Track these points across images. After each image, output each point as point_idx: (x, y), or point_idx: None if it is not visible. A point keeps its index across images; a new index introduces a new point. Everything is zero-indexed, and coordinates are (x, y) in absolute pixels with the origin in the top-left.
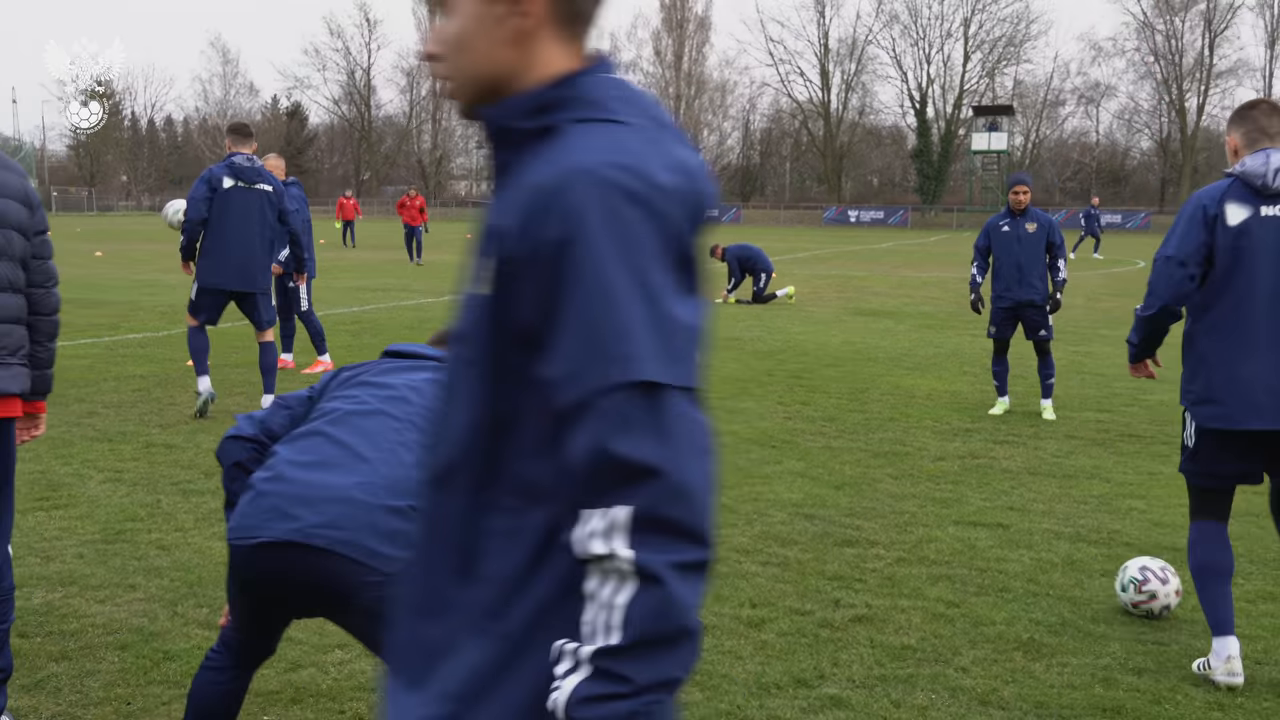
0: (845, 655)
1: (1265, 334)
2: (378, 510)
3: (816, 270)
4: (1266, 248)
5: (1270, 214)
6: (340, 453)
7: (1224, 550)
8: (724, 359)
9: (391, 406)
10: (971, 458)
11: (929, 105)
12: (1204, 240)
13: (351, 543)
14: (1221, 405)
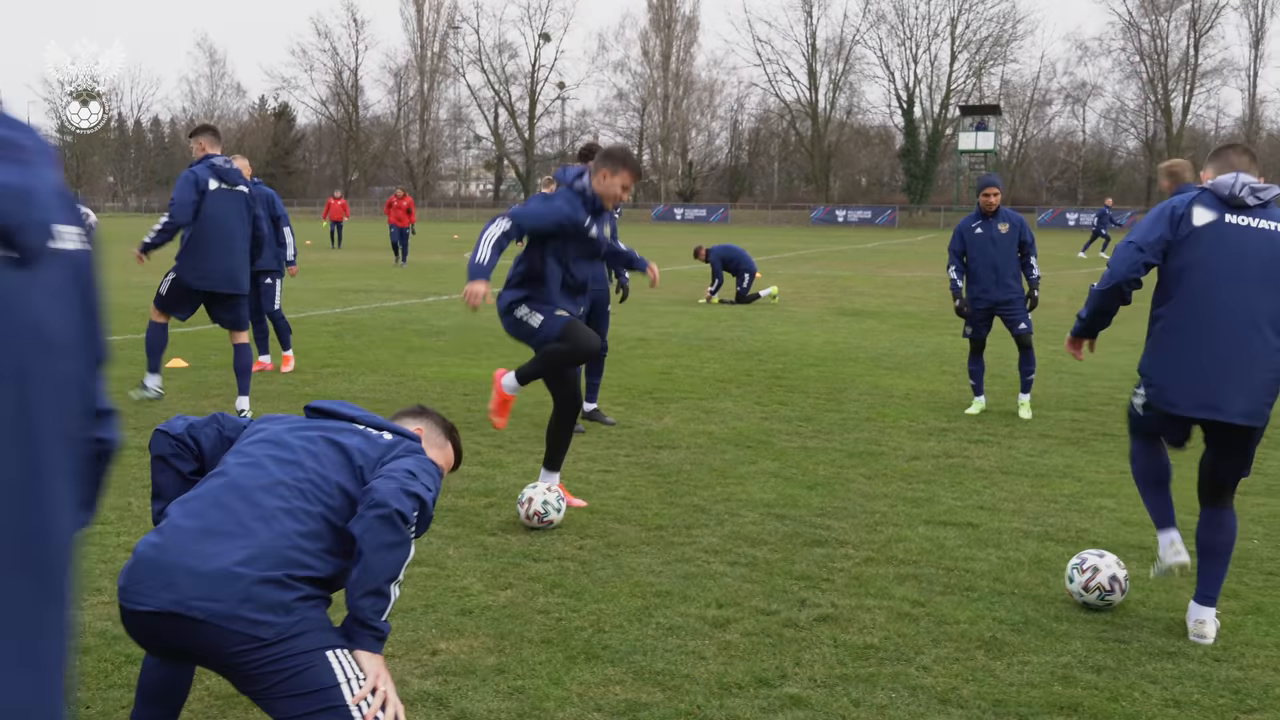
0: (808, 655)
1: (1211, 332)
2: (255, 583)
3: (801, 270)
4: (1228, 251)
5: (1235, 222)
6: (226, 520)
7: (1161, 458)
8: (704, 359)
9: (284, 471)
10: (945, 457)
11: (916, 105)
12: (1164, 235)
13: (228, 614)
14: (1161, 388)
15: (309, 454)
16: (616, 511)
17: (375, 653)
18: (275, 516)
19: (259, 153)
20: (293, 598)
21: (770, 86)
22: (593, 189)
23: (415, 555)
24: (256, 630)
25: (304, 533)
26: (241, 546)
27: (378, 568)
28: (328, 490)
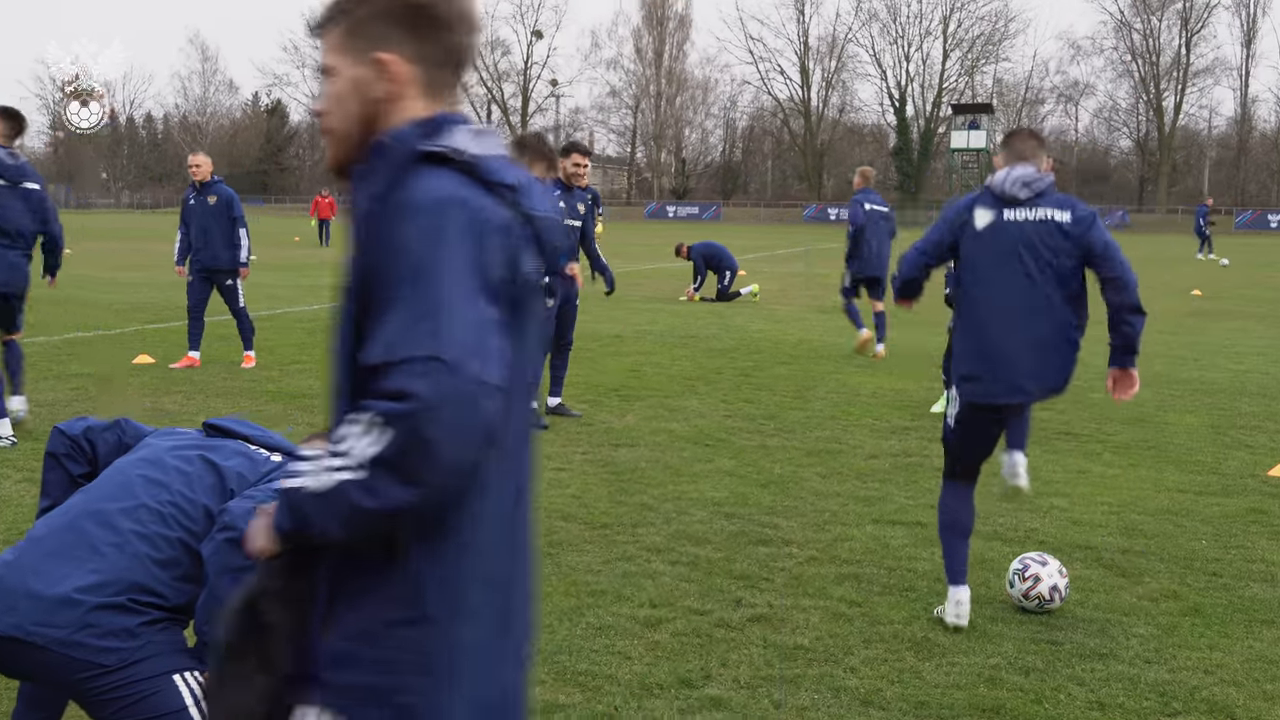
0: (735, 656)
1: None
2: (94, 609)
3: (788, 268)
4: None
5: (1012, 218)
6: (77, 543)
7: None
8: (676, 356)
9: (150, 494)
10: (904, 456)
11: (909, 103)
12: (943, 239)
13: (67, 641)
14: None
15: (180, 475)
16: (564, 509)
17: None
18: (129, 541)
19: (251, 149)
20: (137, 623)
21: (763, 84)
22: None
23: None
24: (98, 657)
25: (158, 560)
26: (89, 571)
27: (224, 593)
28: (192, 515)
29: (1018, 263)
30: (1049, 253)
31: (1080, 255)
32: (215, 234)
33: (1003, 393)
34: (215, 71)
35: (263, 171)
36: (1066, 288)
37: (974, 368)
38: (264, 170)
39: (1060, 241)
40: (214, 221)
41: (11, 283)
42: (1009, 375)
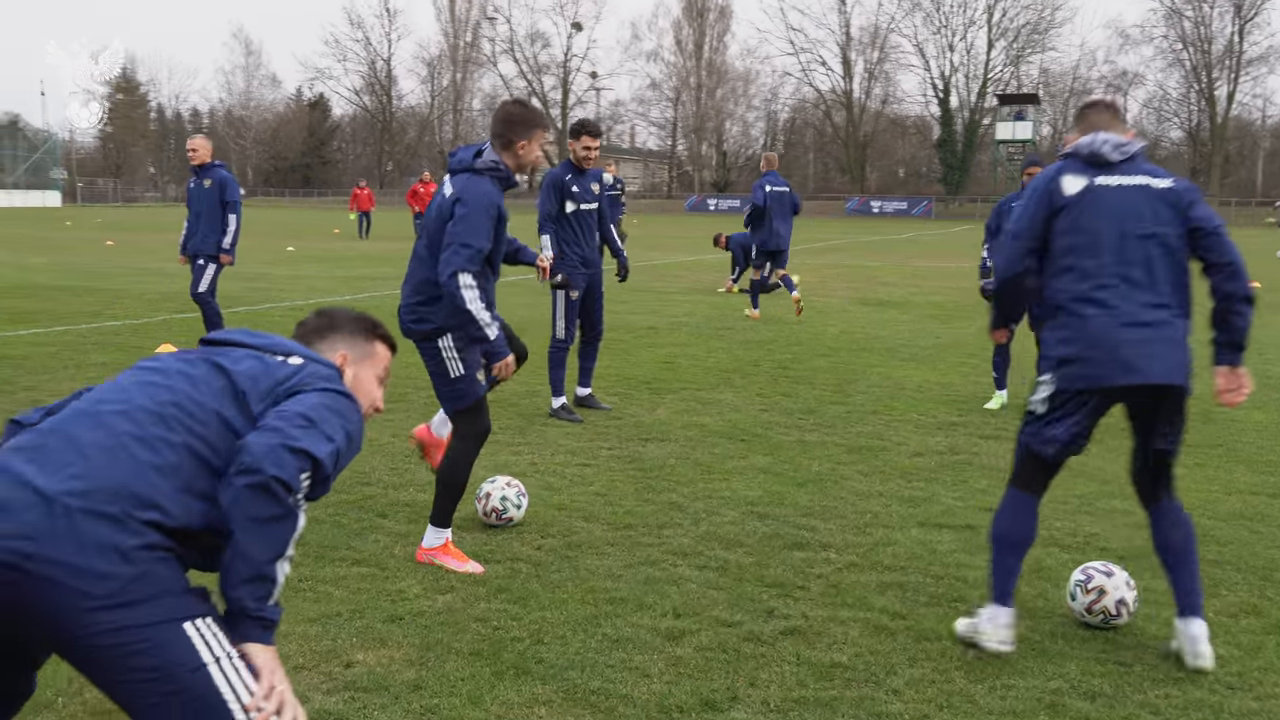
0: (765, 674)
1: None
2: (81, 515)
3: (829, 260)
4: (1106, 212)
5: (1105, 183)
6: (61, 446)
7: (1032, 518)
8: (712, 348)
9: (147, 395)
10: (951, 453)
11: (953, 94)
12: (1039, 215)
13: (46, 557)
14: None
15: (183, 377)
16: (586, 508)
17: (266, 644)
18: (123, 444)
19: (294, 143)
20: (133, 544)
21: (804, 76)
22: (506, 165)
23: (354, 554)
24: (83, 582)
25: (158, 465)
26: (72, 475)
27: (253, 548)
28: (199, 417)
29: (1116, 232)
30: (1151, 222)
31: (1184, 231)
32: (208, 218)
33: (1114, 373)
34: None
35: (305, 165)
36: (1172, 261)
37: (1074, 349)
38: (306, 164)
39: (1162, 210)
40: (207, 205)
41: None
42: (1118, 354)
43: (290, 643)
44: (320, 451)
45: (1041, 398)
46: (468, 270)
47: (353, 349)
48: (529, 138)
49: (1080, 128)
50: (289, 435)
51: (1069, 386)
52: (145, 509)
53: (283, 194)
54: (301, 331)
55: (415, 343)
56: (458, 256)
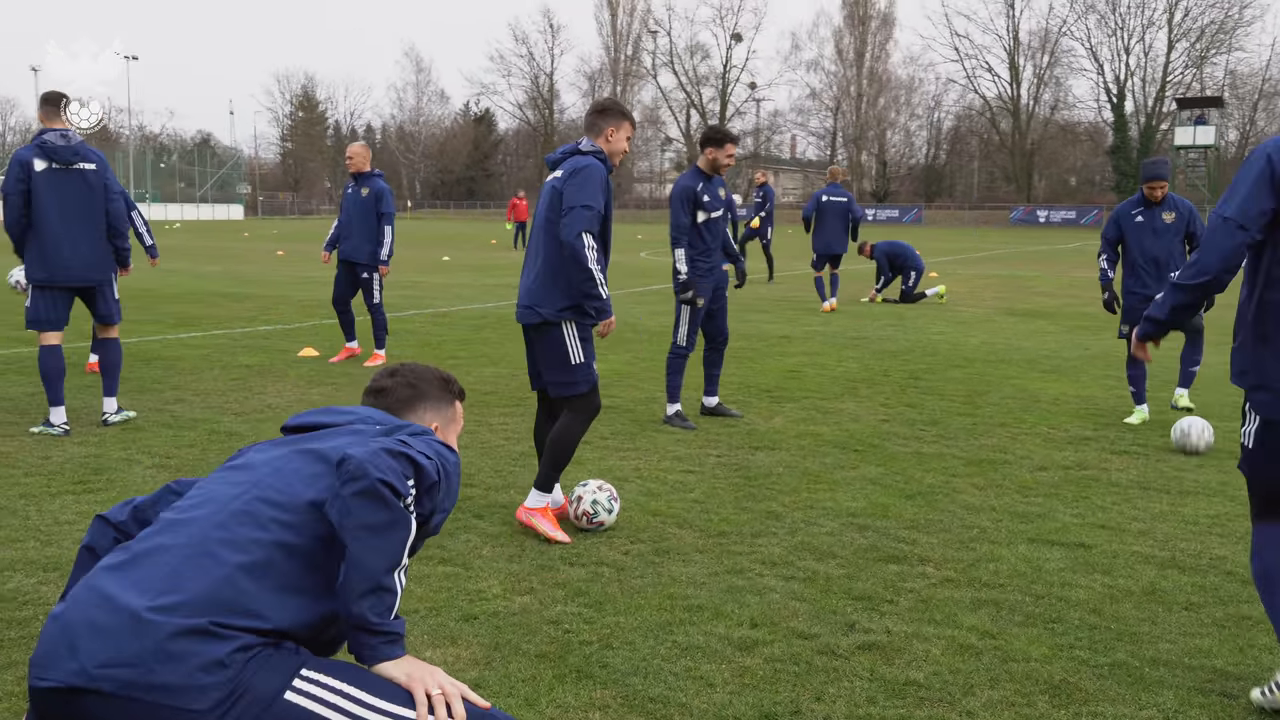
0: (834, 689)
1: None
2: (174, 635)
3: (983, 270)
4: None
5: None
6: (148, 564)
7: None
8: (843, 357)
9: (235, 494)
10: (1079, 468)
11: (1128, 99)
12: (1266, 205)
13: (143, 684)
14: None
15: (272, 470)
16: (682, 515)
17: (396, 658)
18: (210, 551)
19: (460, 157)
20: (227, 650)
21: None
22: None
23: (442, 553)
24: (185, 700)
25: (246, 565)
26: (160, 591)
27: (369, 559)
28: (291, 508)
29: None
30: None
31: None
32: (360, 226)
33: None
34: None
35: (470, 178)
36: None
37: (1274, 375)
38: (471, 177)
39: None
40: (361, 214)
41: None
42: None
43: None
44: (421, 458)
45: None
46: (591, 231)
47: (439, 417)
48: (617, 125)
49: None
50: (388, 444)
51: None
52: (238, 614)
53: (448, 206)
54: (385, 401)
55: (532, 332)
56: (580, 218)
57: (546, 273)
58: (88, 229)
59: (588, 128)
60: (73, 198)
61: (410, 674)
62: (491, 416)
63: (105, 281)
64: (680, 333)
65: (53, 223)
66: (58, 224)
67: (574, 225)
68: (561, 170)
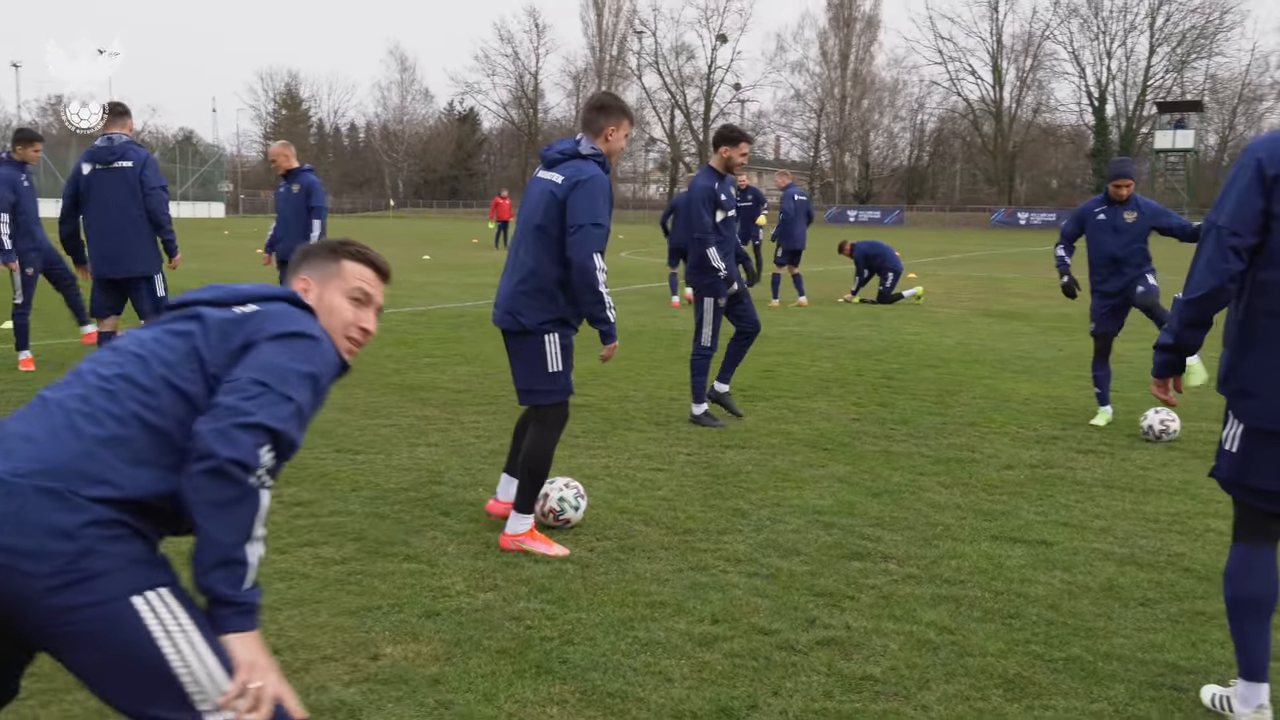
0: (791, 683)
1: None
2: (31, 496)
3: (961, 271)
4: None
5: None
6: (13, 433)
7: (1270, 580)
8: (817, 357)
9: (98, 377)
10: (1044, 467)
11: (1109, 102)
12: (1258, 206)
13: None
14: (1266, 401)
15: (134, 353)
16: (649, 512)
17: (246, 631)
18: (71, 423)
19: (444, 156)
20: (79, 522)
21: (953, 85)
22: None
23: (408, 550)
24: (31, 563)
25: (104, 438)
26: (24, 458)
27: (218, 533)
28: (148, 387)
29: None
30: None
31: None
32: (295, 224)
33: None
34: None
35: (453, 177)
36: None
37: (1259, 383)
38: (454, 176)
39: None
40: (295, 211)
41: (113, 265)
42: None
43: (324, 634)
44: (277, 420)
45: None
46: (601, 251)
47: (313, 271)
48: (618, 124)
49: None
50: (241, 411)
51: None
52: (90, 484)
53: (431, 205)
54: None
55: (512, 336)
56: (590, 238)
57: (532, 283)
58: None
59: (586, 124)
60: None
61: (244, 659)
62: (464, 415)
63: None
64: (705, 333)
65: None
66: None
67: (585, 246)
68: (560, 175)
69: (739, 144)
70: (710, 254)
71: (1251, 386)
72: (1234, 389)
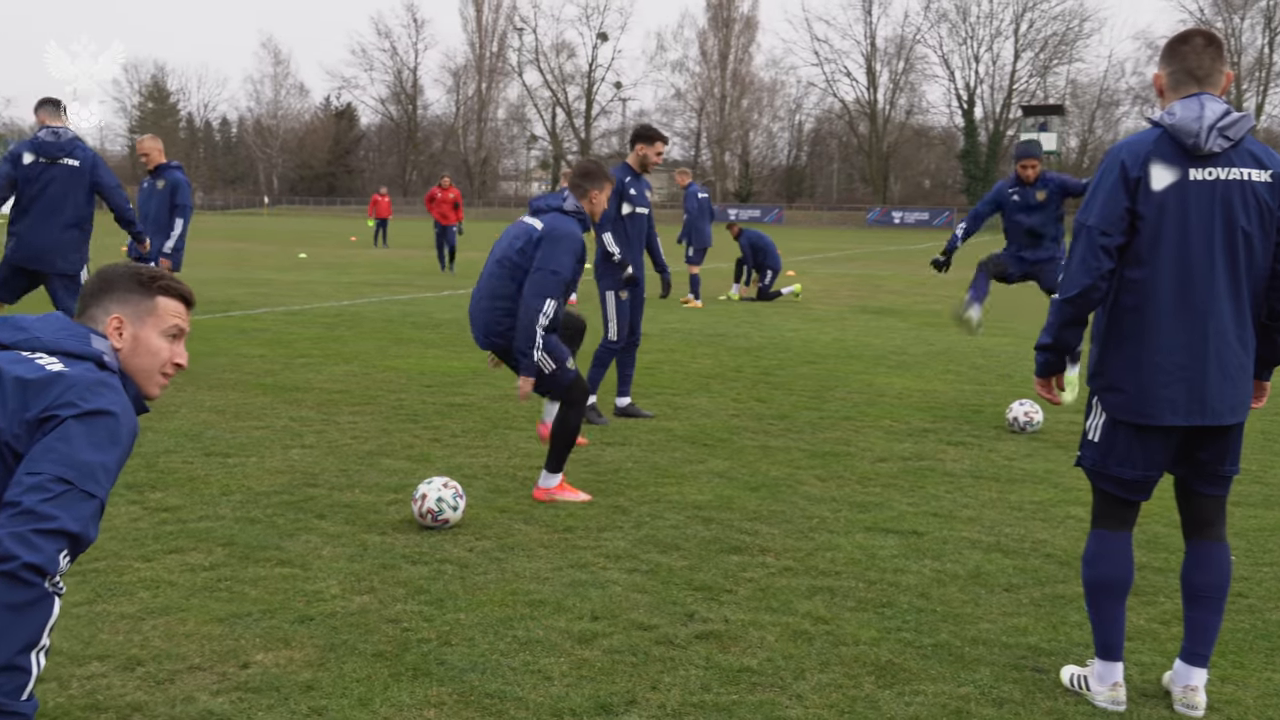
0: (670, 677)
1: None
2: None
3: (839, 269)
4: (1192, 218)
5: (1200, 178)
6: None
7: (1126, 564)
8: (698, 354)
9: None
10: (916, 459)
11: (977, 105)
12: (1125, 205)
13: None
14: (1130, 395)
15: None
16: (528, 511)
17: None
18: None
19: (320, 152)
20: None
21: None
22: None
23: (280, 554)
24: None
25: None
26: None
27: (4, 637)
28: None
29: (1205, 243)
30: (1245, 232)
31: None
32: (156, 220)
33: (1172, 411)
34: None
35: (330, 174)
36: (1257, 275)
37: (1124, 378)
38: (331, 173)
39: (1263, 215)
40: (158, 208)
41: (40, 258)
42: (1185, 389)
43: (191, 643)
44: (79, 524)
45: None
46: (554, 298)
47: (126, 308)
48: (601, 189)
49: (1171, 71)
50: (43, 516)
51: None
52: None
53: (307, 202)
54: (81, 297)
55: (504, 354)
56: (547, 284)
57: (506, 308)
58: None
59: (572, 188)
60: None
61: None
62: (340, 415)
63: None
64: (611, 327)
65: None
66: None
67: (540, 289)
68: (542, 223)
69: (654, 143)
70: (606, 238)
71: (1118, 381)
72: (1101, 383)
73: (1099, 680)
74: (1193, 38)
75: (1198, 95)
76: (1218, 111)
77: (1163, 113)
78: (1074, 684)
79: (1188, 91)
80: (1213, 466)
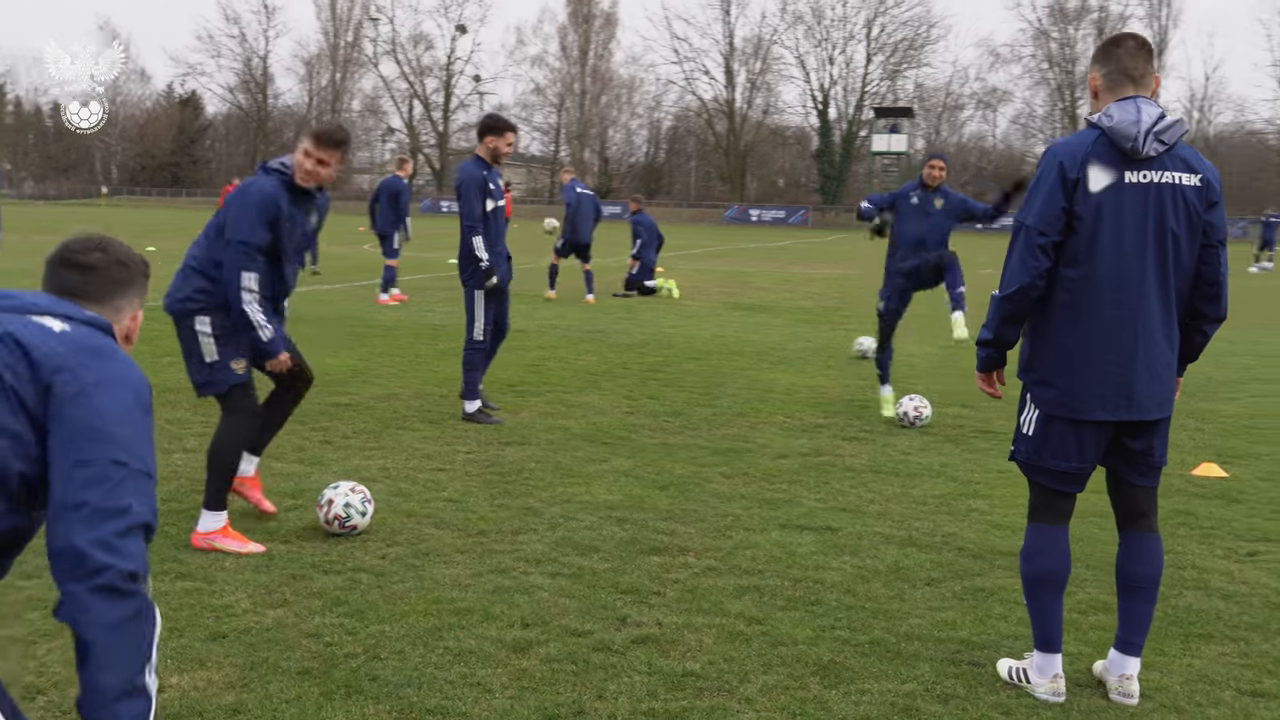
0: (614, 685)
1: (1117, 318)
2: None
3: (705, 266)
4: (1127, 220)
5: (1135, 181)
6: None
7: (1064, 558)
8: (581, 351)
9: None
10: (815, 455)
11: (832, 106)
12: (1062, 205)
13: None
14: (1061, 390)
15: None
16: (438, 515)
17: None
18: None
19: (163, 141)
20: None
21: (687, 85)
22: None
23: (180, 568)
24: None
25: None
26: None
27: (119, 657)
28: None
29: (1138, 244)
30: (1175, 234)
31: (1202, 236)
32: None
33: (1101, 406)
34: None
35: (175, 164)
36: (1184, 276)
37: (1056, 373)
38: (176, 163)
39: (1191, 218)
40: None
41: None
42: (1114, 385)
43: None
44: (150, 510)
45: None
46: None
47: (133, 307)
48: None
49: (1106, 73)
50: (115, 512)
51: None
52: None
53: (150, 193)
54: (90, 280)
55: (174, 320)
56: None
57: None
58: None
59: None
60: None
61: None
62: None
63: None
64: (477, 327)
65: None
66: None
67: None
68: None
69: (504, 133)
70: (476, 243)
71: (1049, 375)
72: (1033, 378)
73: (1039, 673)
74: (1125, 41)
75: (1134, 98)
76: (1154, 115)
77: (1100, 114)
78: (1013, 677)
79: (1123, 93)
80: (1143, 457)
